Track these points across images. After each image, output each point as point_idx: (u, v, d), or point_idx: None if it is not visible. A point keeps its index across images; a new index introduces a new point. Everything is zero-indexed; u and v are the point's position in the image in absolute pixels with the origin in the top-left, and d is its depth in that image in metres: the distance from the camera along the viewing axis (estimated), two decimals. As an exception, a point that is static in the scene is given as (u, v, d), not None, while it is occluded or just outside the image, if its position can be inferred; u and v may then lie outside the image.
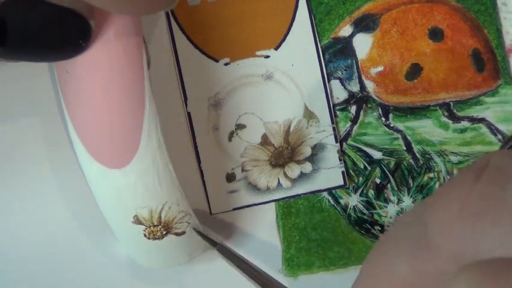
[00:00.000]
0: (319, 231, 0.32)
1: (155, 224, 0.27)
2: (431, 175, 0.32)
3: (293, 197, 0.32)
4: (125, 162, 0.25)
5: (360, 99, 0.32)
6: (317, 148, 0.32)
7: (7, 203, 0.31)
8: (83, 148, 0.26)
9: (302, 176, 0.32)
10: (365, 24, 0.32)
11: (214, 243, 0.29)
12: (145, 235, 0.27)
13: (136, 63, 0.25)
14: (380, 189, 0.32)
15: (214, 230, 0.32)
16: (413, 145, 0.32)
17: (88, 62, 0.24)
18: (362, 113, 0.32)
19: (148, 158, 0.26)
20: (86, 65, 0.24)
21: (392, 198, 0.32)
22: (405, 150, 0.32)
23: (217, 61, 0.31)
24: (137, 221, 0.27)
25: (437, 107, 0.32)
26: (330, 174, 0.32)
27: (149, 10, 0.22)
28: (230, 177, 0.32)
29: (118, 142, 0.25)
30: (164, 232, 0.28)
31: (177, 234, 0.28)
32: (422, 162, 0.32)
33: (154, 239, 0.28)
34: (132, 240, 0.28)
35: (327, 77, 0.32)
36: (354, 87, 0.32)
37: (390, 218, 0.32)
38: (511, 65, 0.32)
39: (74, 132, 0.26)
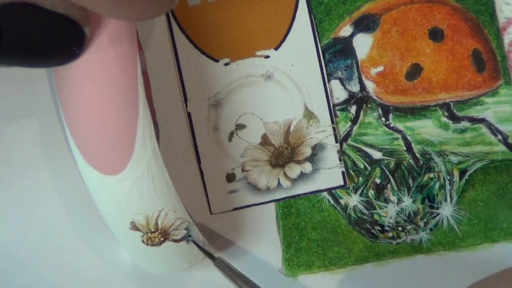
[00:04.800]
0: (319, 231, 0.32)
1: (152, 230, 0.27)
2: (431, 175, 0.32)
3: (293, 197, 0.32)
4: (119, 168, 0.25)
5: (360, 99, 0.32)
6: (317, 148, 0.32)
7: (6, 207, 0.31)
8: (80, 154, 0.26)
9: (302, 176, 0.32)
10: (365, 24, 0.32)
11: (212, 257, 0.29)
12: (143, 241, 0.27)
13: (129, 70, 0.25)
14: (380, 189, 0.32)
15: (214, 230, 0.32)
16: (413, 145, 0.32)
17: (82, 68, 0.24)
18: (362, 113, 0.32)
19: (142, 164, 0.26)
20: (80, 71, 0.24)
21: (392, 198, 0.32)
22: (405, 150, 0.32)
23: (217, 61, 0.31)
24: (134, 227, 0.27)
25: (437, 107, 0.32)
26: (330, 174, 0.32)
27: (146, 15, 0.22)
28: (230, 177, 0.32)
29: (112, 148, 0.25)
30: (162, 239, 0.28)
31: (175, 241, 0.28)
32: (422, 162, 0.32)
33: (152, 245, 0.28)
34: (131, 246, 0.28)
35: (327, 77, 0.32)
36: (354, 87, 0.32)
37: (390, 218, 0.32)
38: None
39: (71, 138, 0.26)
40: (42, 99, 0.30)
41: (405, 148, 0.32)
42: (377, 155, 0.32)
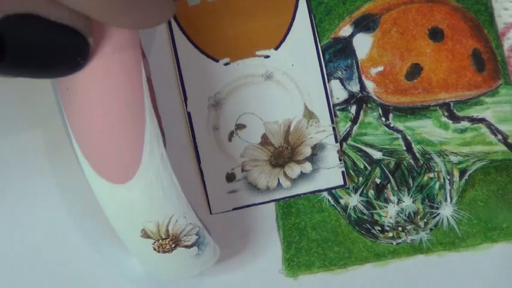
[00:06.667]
0: (319, 231, 0.32)
1: (164, 237, 0.27)
2: (431, 175, 0.32)
3: (293, 197, 0.32)
4: (129, 177, 0.25)
5: (360, 99, 0.32)
6: (317, 148, 0.32)
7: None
8: (88, 164, 0.26)
9: (302, 176, 0.32)
10: (365, 24, 0.32)
11: None
12: (154, 249, 0.27)
13: (134, 78, 0.25)
14: (380, 189, 0.32)
15: (214, 230, 0.32)
16: (413, 145, 0.32)
17: (87, 78, 0.24)
18: (362, 113, 0.32)
19: (151, 172, 0.26)
20: (84, 82, 0.24)
21: (392, 198, 0.32)
22: (405, 150, 0.32)
23: (217, 61, 0.31)
24: (145, 235, 0.27)
25: (437, 107, 0.32)
26: (330, 174, 0.32)
27: (148, 24, 0.22)
28: (230, 177, 0.32)
29: (121, 157, 0.25)
30: (173, 245, 0.27)
31: (187, 246, 0.28)
32: (422, 162, 0.32)
33: (164, 252, 0.28)
34: (142, 254, 0.28)
35: (327, 77, 0.32)
36: (354, 87, 0.32)
37: (390, 218, 0.32)
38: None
39: (78, 149, 0.26)
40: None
41: (405, 148, 0.32)
42: (377, 155, 0.32)
